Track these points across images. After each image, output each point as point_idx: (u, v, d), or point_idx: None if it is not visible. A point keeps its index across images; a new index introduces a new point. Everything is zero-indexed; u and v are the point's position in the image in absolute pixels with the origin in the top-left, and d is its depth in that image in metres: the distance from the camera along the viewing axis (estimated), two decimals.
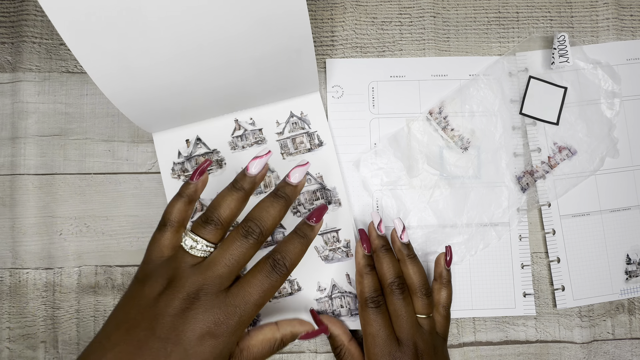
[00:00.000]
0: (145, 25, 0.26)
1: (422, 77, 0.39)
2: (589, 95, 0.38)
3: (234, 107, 0.36)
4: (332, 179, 0.37)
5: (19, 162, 0.37)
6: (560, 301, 0.37)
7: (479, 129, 0.38)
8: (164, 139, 0.37)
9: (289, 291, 0.36)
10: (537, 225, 0.38)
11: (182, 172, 0.37)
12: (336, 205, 0.36)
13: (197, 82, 0.31)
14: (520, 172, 0.38)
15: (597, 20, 0.39)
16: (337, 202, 0.37)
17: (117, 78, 0.28)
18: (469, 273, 0.37)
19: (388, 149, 0.38)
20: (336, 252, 0.36)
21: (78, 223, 0.37)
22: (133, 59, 0.28)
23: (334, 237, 0.36)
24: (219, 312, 0.24)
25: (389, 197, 0.37)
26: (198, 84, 0.31)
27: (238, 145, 0.37)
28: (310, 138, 0.37)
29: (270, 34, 0.28)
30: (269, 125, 0.37)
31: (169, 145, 0.37)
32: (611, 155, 0.38)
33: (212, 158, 0.37)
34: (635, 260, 0.37)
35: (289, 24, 0.28)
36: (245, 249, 0.26)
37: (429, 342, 0.31)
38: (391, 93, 0.38)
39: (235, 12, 0.26)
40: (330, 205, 0.37)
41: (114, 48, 0.27)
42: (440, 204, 0.37)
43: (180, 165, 0.37)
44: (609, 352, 0.37)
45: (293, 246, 0.27)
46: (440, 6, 0.39)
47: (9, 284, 0.36)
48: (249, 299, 0.25)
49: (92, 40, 0.26)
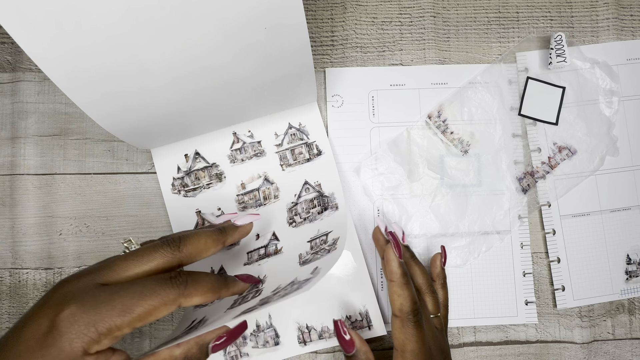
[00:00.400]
0: (138, 58, 0.25)
1: (422, 85, 0.39)
2: (588, 94, 0.38)
3: (232, 121, 0.36)
4: (331, 186, 0.37)
5: (18, 162, 0.37)
6: (560, 301, 0.37)
7: (479, 131, 0.38)
8: (162, 154, 0.37)
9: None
10: (537, 225, 0.38)
11: (182, 187, 0.37)
12: (333, 209, 0.36)
13: (193, 106, 0.31)
14: (520, 173, 0.38)
15: (597, 20, 0.39)
16: (334, 206, 0.36)
17: (112, 110, 0.28)
18: (471, 281, 0.37)
19: (388, 154, 0.38)
20: (317, 254, 0.33)
21: (78, 223, 0.37)
22: (126, 90, 0.27)
23: (323, 239, 0.35)
24: None
25: (391, 203, 0.37)
26: (195, 108, 0.31)
27: (237, 159, 0.37)
28: (309, 148, 0.37)
29: (270, 62, 0.28)
30: (267, 137, 0.37)
31: (167, 160, 0.37)
32: (611, 154, 0.38)
33: (211, 172, 0.37)
34: (635, 260, 0.37)
35: (292, 56, 0.27)
36: (152, 252, 0.24)
37: (446, 343, 0.32)
38: (391, 101, 0.38)
39: (237, 47, 0.26)
40: (326, 211, 0.36)
41: (108, 85, 0.26)
42: (442, 208, 0.37)
43: (180, 181, 0.37)
44: (609, 352, 0.37)
45: (198, 235, 0.26)
46: (440, 6, 0.39)
47: (9, 284, 0.36)
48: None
49: (84, 80, 0.25)
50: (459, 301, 0.37)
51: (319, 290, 0.36)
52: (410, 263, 0.33)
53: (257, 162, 0.37)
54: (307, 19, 0.39)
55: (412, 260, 0.34)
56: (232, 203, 0.37)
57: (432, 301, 0.32)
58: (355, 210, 0.37)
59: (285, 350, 0.35)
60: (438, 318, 0.32)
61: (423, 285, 0.32)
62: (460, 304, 0.37)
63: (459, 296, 0.37)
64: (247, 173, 0.37)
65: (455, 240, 0.37)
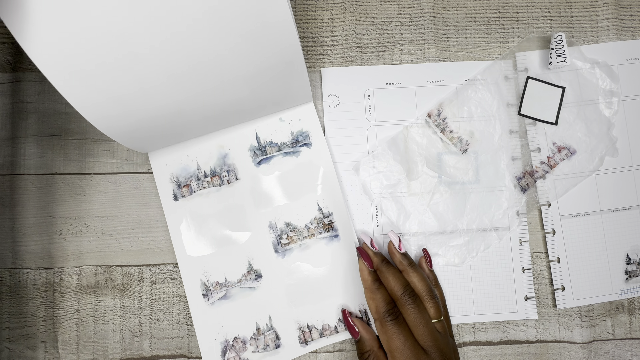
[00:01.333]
0: (134, 56, 0.25)
1: (418, 83, 0.39)
2: (587, 94, 0.38)
3: (230, 123, 0.36)
4: (329, 187, 0.37)
5: (18, 162, 0.37)
6: (560, 301, 0.37)
7: (478, 130, 0.38)
8: (159, 156, 0.37)
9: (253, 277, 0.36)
10: (537, 225, 0.38)
11: (178, 188, 0.37)
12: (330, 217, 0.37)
13: (190, 104, 0.30)
14: (520, 172, 0.38)
15: (597, 20, 0.39)
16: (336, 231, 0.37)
17: (108, 110, 0.28)
18: (470, 278, 0.37)
19: (387, 152, 0.38)
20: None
21: (78, 223, 0.37)
22: (123, 90, 0.27)
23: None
24: None
25: (389, 201, 0.37)
26: (191, 106, 0.31)
27: (233, 164, 0.37)
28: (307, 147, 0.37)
29: (258, 49, 0.28)
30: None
31: (164, 161, 0.37)
32: (610, 154, 0.38)
33: (208, 176, 0.37)
34: (635, 260, 0.37)
35: (276, 36, 0.27)
36: None
37: (450, 346, 0.32)
38: (387, 100, 0.38)
39: (220, 31, 0.26)
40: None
41: (102, 83, 0.26)
42: (441, 207, 0.37)
43: (176, 184, 0.37)
44: (609, 352, 0.37)
45: None
46: (440, 6, 0.39)
47: (9, 284, 0.36)
48: None
49: (80, 79, 0.25)
50: (459, 298, 0.37)
51: (319, 288, 0.36)
52: (408, 271, 0.33)
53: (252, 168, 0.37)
54: (307, 19, 0.39)
55: (410, 267, 0.33)
56: (231, 206, 0.37)
57: (432, 307, 0.32)
58: (355, 209, 0.37)
59: (286, 353, 0.35)
60: (441, 322, 0.32)
61: (422, 291, 0.32)
62: (460, 301, 0.37)
63: (459, 293, 0.37)
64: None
65: (453, 239, 0.37)
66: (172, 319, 0.36)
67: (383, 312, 0.31)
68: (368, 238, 0.35)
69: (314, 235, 0.37)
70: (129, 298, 0.37)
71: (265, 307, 0.36)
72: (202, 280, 0.36)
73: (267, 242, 0.36)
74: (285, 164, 0.37)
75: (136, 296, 0.37)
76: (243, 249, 0.36)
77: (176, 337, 0.36)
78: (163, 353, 0.36)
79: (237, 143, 0.37)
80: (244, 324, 0.36)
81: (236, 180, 0.37)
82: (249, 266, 0.36)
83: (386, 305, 0.31)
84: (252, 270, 0.36)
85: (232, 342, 0.35)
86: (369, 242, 0.34)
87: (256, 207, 0.37)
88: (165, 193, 0.37)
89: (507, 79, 0.38)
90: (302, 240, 0.37)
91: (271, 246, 0.36)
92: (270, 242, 0.36)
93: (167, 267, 0.37)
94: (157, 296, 0.37)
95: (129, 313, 0.36)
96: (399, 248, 0.34)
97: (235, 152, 0.37)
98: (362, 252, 0.34)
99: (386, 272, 0.33)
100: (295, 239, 0.37)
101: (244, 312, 0.36)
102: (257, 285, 0.36)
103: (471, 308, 0.37)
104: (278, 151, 0.37)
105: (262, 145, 0.37)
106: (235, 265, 0.36)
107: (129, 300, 0.36)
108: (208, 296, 0.36)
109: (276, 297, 0.36)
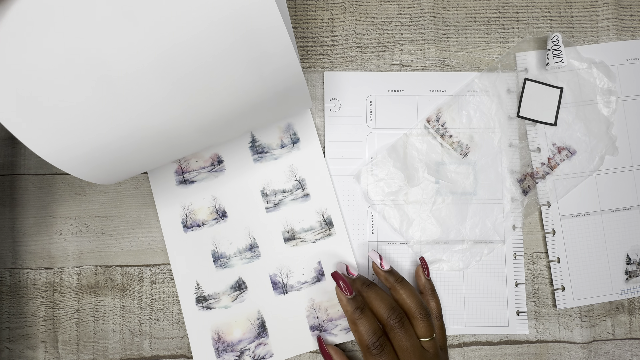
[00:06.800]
0: (117, 96, 0.23)
1: (420, 92, 0.38)
2: (586, 94, 0.38)
3: (227, 136, 0.35)
4: (325, 193, 0.37)
5: (19, 162, 0.37)
6: (560, 301, 0.37)
7: (478, 134, 0.38)
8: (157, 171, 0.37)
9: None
10: (537, 225, 0.38)
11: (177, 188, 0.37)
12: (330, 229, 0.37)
13: (188, 119, 0.28)
14: (520, 175, 0.38)
15: (597, 20, 0.39)
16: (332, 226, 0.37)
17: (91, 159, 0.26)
18: (463, 290, 0.37)
19: (387, 159, 0.38)
20: None
21: (78, 223, 0.37)
22: (110, 138, 0.25)
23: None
24: None
25: (392, 208, 0.37)
26: (189, 119, 0.28)
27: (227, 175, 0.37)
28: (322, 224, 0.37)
29: (257, 79, 0.25)
30: None
31: (163, 175, 0.37)
32: (610, 153, 0.38)
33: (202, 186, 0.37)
34: (635, 260, 0.37)
35: (277, 64, 0.24)
36: None
37: None
38: (389, 107, 0.38)
39: (218, 50, 0.23)
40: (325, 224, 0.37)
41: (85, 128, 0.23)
42: (443, 212, 0.37)
43: (173, 188, 0.37)
44: (609, 352, 0.37)
45: None
46: (440, 6, 0.39)
47: (9, 284, 0.36)
48: None
49: (53, 126, 0.23)
50: (451, 310, 0.37)
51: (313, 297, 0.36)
52: (396, 288, 0.33)
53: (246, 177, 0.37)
54: (307, 19, 0.39)
55: (397, 284, 0.33)
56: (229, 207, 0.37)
57: (422, 325, 0.31)
58: (350, 217, 0.37)
59: (281, 353, 0.35)
60: (431, 341, 0.31)
61: (412, 308, 0.32)
62: (452, 313, 0.37)
63: (451, 305, 0.37)
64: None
65: (457, 244, 0.37)
66: (172, 319, 0.36)
67: (367, 345, 0.30)
68: (376, 255, 0.34)
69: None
70: (129, 298, 0.37)
71: (258, 309, 0.36)
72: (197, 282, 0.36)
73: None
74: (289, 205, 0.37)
75: (136, 296, 0.37)
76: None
77: (176, 337, 0.36)
78: (163, 353, 0.36)
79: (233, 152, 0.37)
80: (237, 327, 0.36)
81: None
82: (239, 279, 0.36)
83: (370, 336, 0.30)
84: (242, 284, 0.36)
85: (224, 345, 0.35)
86: (378, 261, 0.34)
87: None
88: (161, 194, 0.37)
89: (509, 91, 0.38)
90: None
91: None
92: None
93: (167, 267, 0.37)
94: (157, 296, 0.37)
95: (129, 313, 0.36)
96: (381, 266, 0.34)
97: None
98: (338, 277, 0.32)
99: (370, 294, 0.32)
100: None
101: (236, 315, 0.36)
102: (246, 296, 0.36)
103: (462, 320, 0.37)
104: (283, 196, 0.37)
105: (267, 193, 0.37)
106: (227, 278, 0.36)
107: (129, 301, 0.36)
108: (201, 301, 0.36)
109: (267, 303, 0.36)
